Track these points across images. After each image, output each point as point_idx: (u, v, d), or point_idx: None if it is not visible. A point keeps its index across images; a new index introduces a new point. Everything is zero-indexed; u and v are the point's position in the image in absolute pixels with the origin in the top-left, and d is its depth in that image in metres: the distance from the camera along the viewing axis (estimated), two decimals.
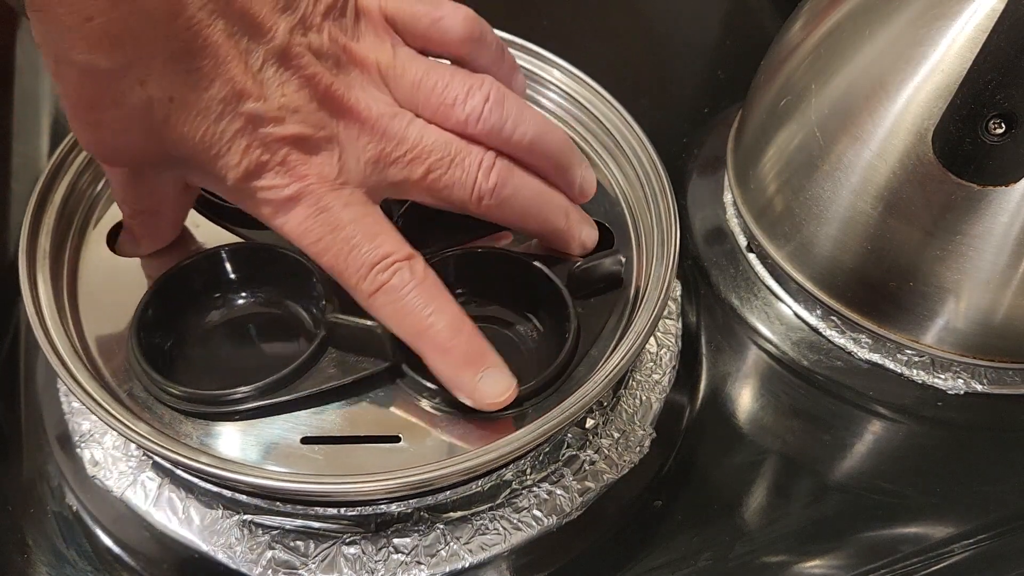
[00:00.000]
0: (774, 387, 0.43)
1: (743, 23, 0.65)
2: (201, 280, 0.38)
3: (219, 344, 0.38)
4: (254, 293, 0.39)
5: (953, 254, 0.39)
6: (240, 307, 0.39)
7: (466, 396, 0.33)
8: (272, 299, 0.39)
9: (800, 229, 0.43)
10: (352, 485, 0.32)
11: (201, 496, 0.36)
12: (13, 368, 0.42)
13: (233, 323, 0.38)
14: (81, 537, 0.37)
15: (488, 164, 0.34)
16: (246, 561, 0.35)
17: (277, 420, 0.34)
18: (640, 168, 0.41)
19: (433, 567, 0.35)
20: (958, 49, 0.36)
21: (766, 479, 0.40)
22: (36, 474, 0.39)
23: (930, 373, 0.43)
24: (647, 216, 0.40)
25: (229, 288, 0.39)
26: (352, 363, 0.35)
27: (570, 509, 0.37)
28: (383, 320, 0.33)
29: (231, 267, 0.38)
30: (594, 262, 0.38)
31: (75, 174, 0.39)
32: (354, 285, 0.33)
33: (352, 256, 0.32)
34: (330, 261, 0.32)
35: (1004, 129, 0.35)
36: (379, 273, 0.32)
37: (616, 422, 0.40)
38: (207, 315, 0.38)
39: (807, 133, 0.42)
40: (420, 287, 0.32)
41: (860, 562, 0.38)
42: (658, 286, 0.36)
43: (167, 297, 0.37)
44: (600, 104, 0.43)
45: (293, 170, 0.31)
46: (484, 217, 0.36)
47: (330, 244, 0.32)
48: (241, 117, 0.30)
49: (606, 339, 0.37)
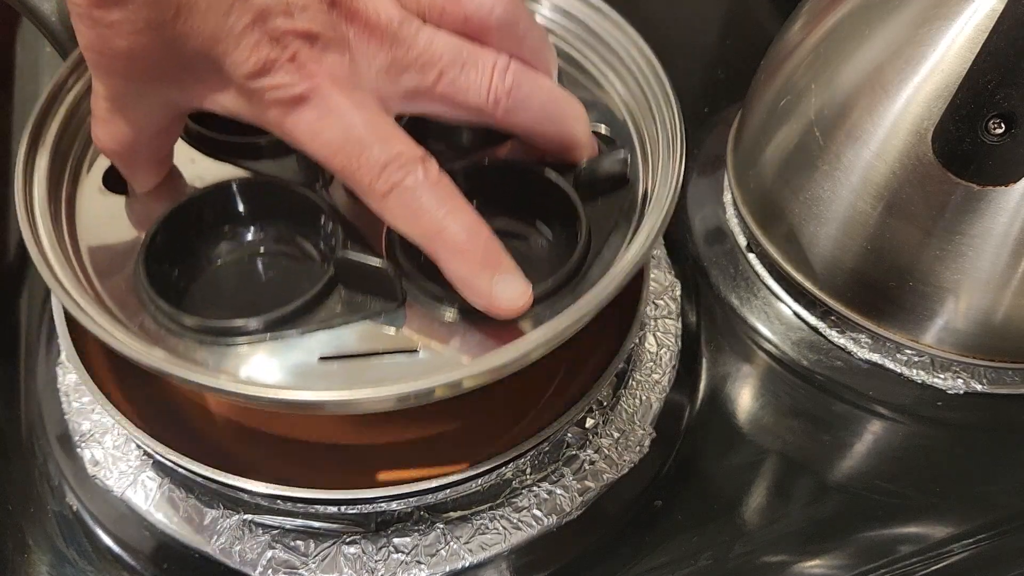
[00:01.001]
0: (774, 387, 0.43)
1: (743, 23, 0.65)
2: (211, 212, 0.37)
3: (227, 277, 0.37)
4: (263, 228, 0.38)
5: (953, 254, 0.39)
6: (249, 241, 0.38)
7: (482, 300, 0.32)
8: (282, 235, 0.38)
9: (800, 229, 0.43)
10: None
11: (201, 496, 0.36)
12: (13, 368, 0.42)
13: (242, 257, 0.38)
14: (81, 537, 0.37)
15: (503, 65, 0.33)
16: (246, 561, 0.35)
17: (293, 341, 0.33)
18: (639, 72, 0.40)
19: (433, 567, 0.35)
20: (958, 49, 0.36)
21: (766, 479, 0.40)
22: (36, 474, 0.39)
23: (930, 373, 0.43)
24: (649, 118, 0.39)
25: (238, 222, 0.38)
26: (359, 302, 0.34)
27: (570, 509, 0.37)
28: (396, 223, 0.32)
29: (241, 200, 0.38)
30: (598, 161, 0.37)
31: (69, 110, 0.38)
32: (367, 186, 0.31)
33: (364, 156, 0.31)
34: (341, 162, 0.31)
35: (1004, 129, 0.35)
36: (392, 172, 0.31)
37: (616, 422, 0.40)
38: (216, 248, 0.37)
39: (807, 133, 0.42)
40: (436, 187, 0.32)
41: (860, 562, 0.38)
42: (667, 182, 0.35)
43: (176, 228, 0.36)
44: (594, 14, 0.42)
45: (303, 68, 0.30)
46: (500, 125, 0.35)
47: (342, 145, 0.31)
48: (250, 11, 0.29)
49: (617, 241, 0.36)
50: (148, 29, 0.30)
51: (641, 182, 0.38)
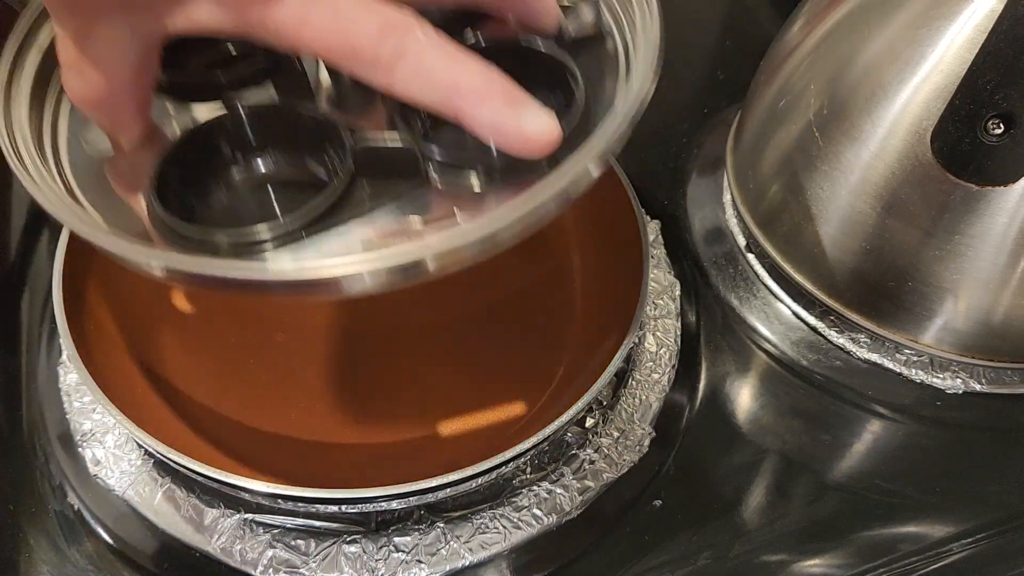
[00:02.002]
0: (773, 387, 0.44)
1: (743, 23, 0.65)
2: (220, 139, 0.37)
3: (242, 201, 0.36)
4: (269, 153, 0.37)
5: (952, 254, 0.39)
6: (260, 166, 0.37)
7: (514, 138, 0.32)
8: (292, 158, 0.37)
9: (799, 229, 0.44)
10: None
11: (202, 495, 0.36)
12: (15, 368, 0.42)
13: (256, 180, 0.37)
14: (82, 536, 0.37)
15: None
16: (247, 560, 0.35)
17: (329, 238, 0.33)
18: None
19: (433, 566, 0.35)
20: (957, 50, 0.37)
21: (765, 478, 0.40)
22: (37, 473, 0.39)
23: (929, 373, 0.43)
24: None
25: (246, 149, 0.37)
26: (384, 187, 0.34)
27: (570, 508, 0.37)
28: (410, 89, 0.31)
29: (248, 127, 0.37)
30: (575, 21, 0.37)
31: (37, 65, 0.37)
32: (372, 59, 0.31)
33: (360, 27, 0.30)
34: (338, 40, 0.30)
35: (1003, 129, 0.35)
36: (394, 39, 0.30)
37: (616, 421, 0.40)
38: (227, 175, 0.37)
39: (806, 133, 0.42)
40: (437, 43, 0.31)
41: (859, 561, 0.38)
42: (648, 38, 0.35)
43: (182, 162, 0.35)
44: None
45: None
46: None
47: (334, 23, 0.30)
48: None
49: (610, 86, 0.36)
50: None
51: (617, 37, 0.38)
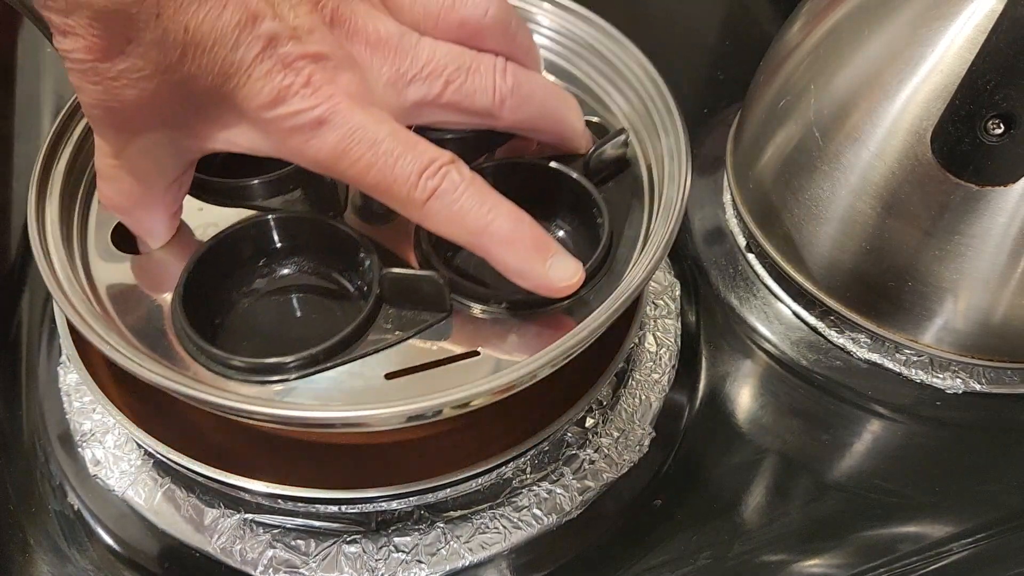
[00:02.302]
0: (773, 387, 0.44)
1: (743, 23, 0.65)
2: (240, 251, 0.37)
3: (265, 315, 0.37)
4: (295, 263, 0.38)
5: (952, 254, 0.39)
6: (286, 276, 0.38)
7: (539, 284, 0.33)
8: (313, 268, 0.38)
9: (799, 229, 0.44)
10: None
11: (202, 495, 0.36)
12: (14, 368, 0.42)
13: (281, 291, 0.38)
14: (82, 536, 0.37)
15: (502, 66, 0.34)
16: (247, 560, 0.35)
17: (352, 367, 0.33)
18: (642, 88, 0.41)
19: (433, 566, 0.35)
20: (957, 49, 0.37)
21: (765, 478, 0.40)
22: (38, 473, 0.39)
23: (929, 373, 0.43)
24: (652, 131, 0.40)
25: (273, 258, 0.38)
26: (409, 317, 0.35)
27: (570, 508, 0.37)
28: (440, 227, 0.32)
29: (268, 237, 0.37)
30: (603, 146, 0.39)
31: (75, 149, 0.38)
32: (405, 196, 0.31)
33: (398, 167, 0.31)
34: (375, 177, 0.31)
35: (1003, 129, 0.35)
36: (429, 179, 0.31)
37: (616, 421, 0.40)
38: (253, 284, 0.37)
39: (806, 133, 0.42)
40: (472, 186, 0.32)
41: (859, 561, 0.38)
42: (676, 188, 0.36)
43: (209, 269, 0.36)
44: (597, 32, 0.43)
45: (319, 91, 0.30)
46: (505, 124, 0.35)
47: (373, 160, 0.31)
48: (259, 41, 0.29)
49: (635, 219, 0.38)
50: (155, 74, 0.29)
51: (643, 162, 0.40)
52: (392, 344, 0.34)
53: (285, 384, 0.33)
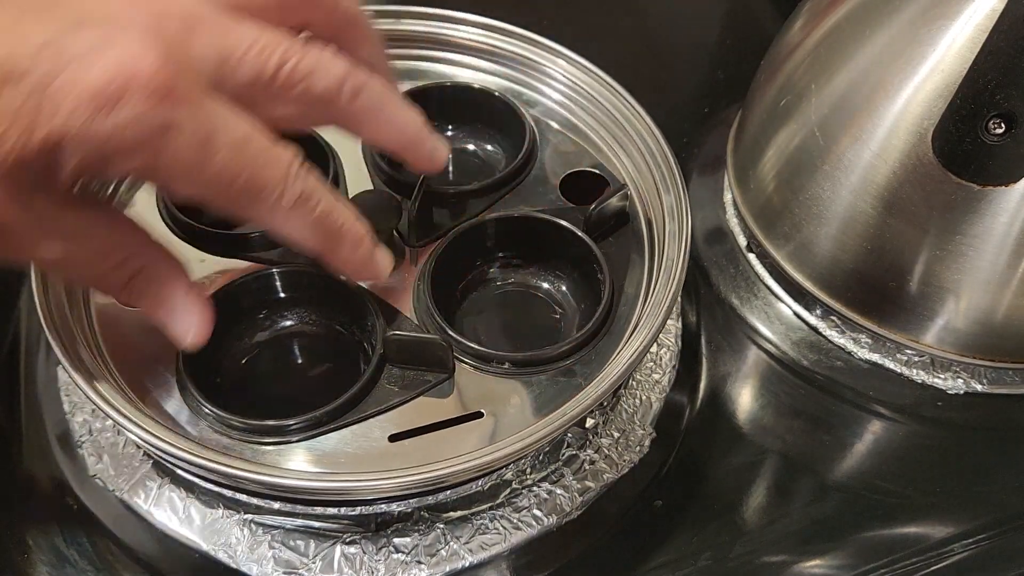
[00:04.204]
0: (774, 387, 0.43)
1: (743, 23, 0.65)
2: (249, 300, 0.38)
3: (269, 367, 0.38)
4: (301, 315, 0.39)
5: (953, 254, 0.39)
6: (287, 328, 0.38)
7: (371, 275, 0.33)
8: (321, 323, 0.39)
9: (800, 229, 0.44)
10: (355, 483, 0.32)
11: (202, 496, 0.36)
12: (13, 368, 0.42)
13: (282, 345, 0.38)
14: (82, 537, 0.37)
15: (333, 51, 0.31)
16: (247, 561, 0.35)
17: (356, 428, 0.34)
18: (644, 148, 0.42)
19: (433, 567, 0.35)
20: (958, 49, 0.36)
21: (766, 479, 0.40)
22: (37, 474, 0.39)
23: (930, 373, 0.43)
24: (653, 191, 0.42)
25: (275, 310, 0.38)
26: (412, 378, 0.35)
27: (570, 509, 0.37)
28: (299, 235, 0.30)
29: (281, 288, 0.38)
30: (605, 202, 0.40)
31: None
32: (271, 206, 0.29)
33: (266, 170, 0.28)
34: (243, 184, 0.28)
35: (1004, 129, 0.35)
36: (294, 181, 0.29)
37: (616, 422, 0.40)
38: (255, 337, 0.38)
39: (807, 133, 0.42)
40: (325, 188, 0.30)
41: (860, 562, 0.38)
42: (677, 253, 0.37)
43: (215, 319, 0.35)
44: (604, 90, 0.45)
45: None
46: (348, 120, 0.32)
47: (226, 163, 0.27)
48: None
49: (635, 277, 0.39)
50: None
51: (643, 217, 0.42)
52: (395, 406, 0.35)
53: (287, 445, 0.34)
